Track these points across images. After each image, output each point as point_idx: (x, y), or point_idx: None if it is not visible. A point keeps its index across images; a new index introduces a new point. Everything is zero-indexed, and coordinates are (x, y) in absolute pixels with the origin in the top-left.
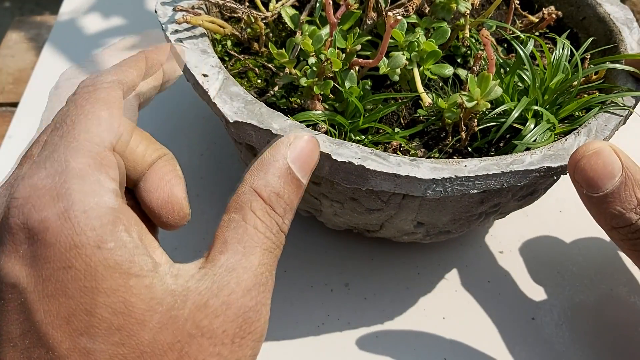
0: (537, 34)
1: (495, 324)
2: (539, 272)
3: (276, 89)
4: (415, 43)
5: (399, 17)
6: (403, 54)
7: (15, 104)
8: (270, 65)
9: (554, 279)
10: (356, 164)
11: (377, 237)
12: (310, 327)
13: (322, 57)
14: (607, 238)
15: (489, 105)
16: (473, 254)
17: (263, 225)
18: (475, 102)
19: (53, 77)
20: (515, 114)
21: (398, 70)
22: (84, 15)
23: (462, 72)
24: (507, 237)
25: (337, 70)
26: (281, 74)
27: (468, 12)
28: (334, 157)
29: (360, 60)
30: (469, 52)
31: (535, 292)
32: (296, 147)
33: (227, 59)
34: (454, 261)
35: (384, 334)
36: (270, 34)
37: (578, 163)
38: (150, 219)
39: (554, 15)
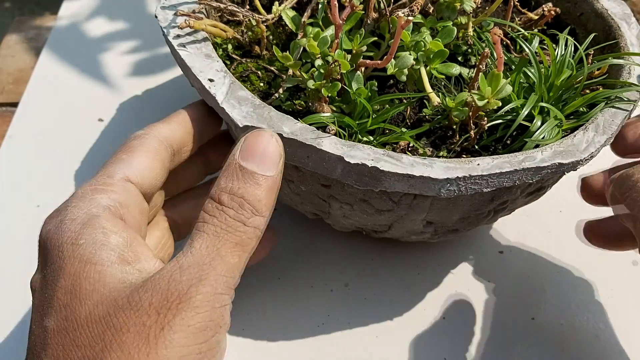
0: (535, 31)
1: (495, 324)
2: (538, 272)
3: (281, 91)
4: (422, 43)
5: (410, 18)
6: (410, 54)
7: (15, 104)
8: (272, 68)
9: (554, 279)
10: (370, 166)
11: (379, 237)
12: (310, 327)
13: (329, 59)
14: None
15: (500, 104)
16: (473, 254)
17: (213, 219)
18: (486, 101)
19: (53, 77)
20: (525, 111)
21: (405, 71)
22: (84, 16)
23: (463, 71)
24: (507, 237)
25: (345, 72)
26: (284, 76)
27: (472, 10)
28: (346, 159)
29: (369, 61)
30: (469, 50)
31: (535, 292)
32: (244, 145)
33: (228, 62)
34: (454, 261)
35: (384, 334)
36: (271, 37)
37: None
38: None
39: (553, 12)
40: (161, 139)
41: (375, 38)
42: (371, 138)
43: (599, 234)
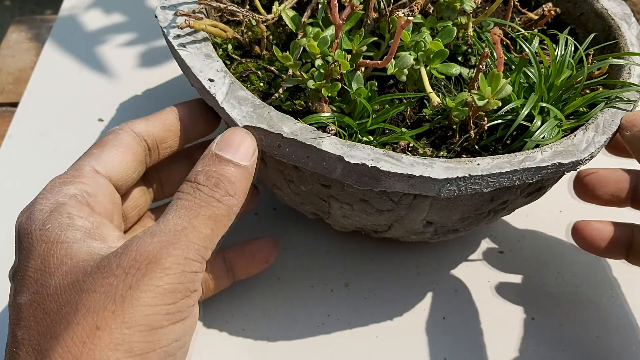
0: (535, 31)
1: (495, 324)
2: (539, 272)
3: (281, 91)
4: (422, 43)
5: (410, 18)
6: (410, 54)
7: (15, 104)
8: (272, 68)
9: (554, 279)
10: (370, 166)
11: (380, 237)
12: (310, 327)
13: (330, 59)
14: None
15: (500, 104)
16: (473, 254)
17: (188, 195)
18: (486, 101)
19: (53, 77)
20: (525, 111)
21: (406, 71)
22: (84, 15)
23: (463, 71)
24: (507, 237)
25: (345, 72)
26: (284, 76)
27: (472, 10)
28: (346, 159)
29: (369, 61)
30: (469, 50)
31: (535, 292)
32: (220, 138)
33: (228, 62)
34: (454, 261)
35: (384, 334)
36: (271, 37)
37: None
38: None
39: (553, 12)
40: (135, 133)
41: (375, 38)
42: (371, 138)
43: (587, 236)
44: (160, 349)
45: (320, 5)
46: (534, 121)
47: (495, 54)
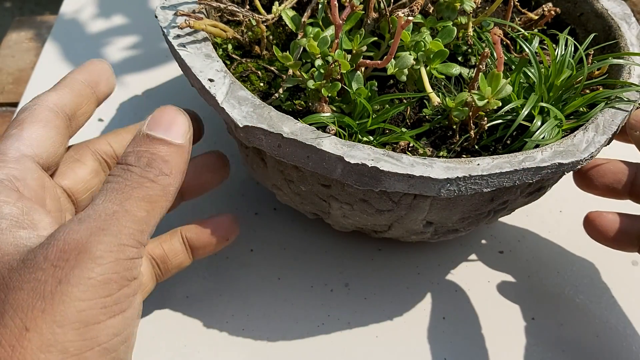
0: (535, 31)
1: (495, 324)
2: (539, 272)
3: (281, 91)
4: (422, 43)
5: (410, 18)
6: (410, 54)
7: (15, 104)
8: (272, 68)
9: (554, 279)
10: (370, 166)
11: (380, 238)
12: (310, 327)
13: (330, 59)
14: None
15: (500, 104)
16: (473, 254)
17: (117, 178)
18: (486, 101)
19: (53, 77)
20: (525, 111)
21: (405, 71)
22: (84, 15)
23: (463, 71)
24: (507, 237)
25: (345, 72)
26: (284, 76)
27: (472, 10)
28: (346, 159)
29: (369, 61)
30: (469, 50)
31: (535, 292)
32: (151, 118)
33: (228, 62)
34: (454, 261)
35: (384, 334)
36: (271, 37)
37: None
38: None
39: (553, 12)
40: (51, 106)
41: (375, 38)
42: (371, 138)
43: (599, 227)
44: (99, 346)
45: (320, 5)
46: (534, 121)
47: (495, 54)
